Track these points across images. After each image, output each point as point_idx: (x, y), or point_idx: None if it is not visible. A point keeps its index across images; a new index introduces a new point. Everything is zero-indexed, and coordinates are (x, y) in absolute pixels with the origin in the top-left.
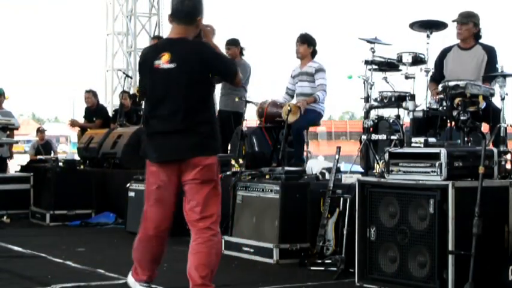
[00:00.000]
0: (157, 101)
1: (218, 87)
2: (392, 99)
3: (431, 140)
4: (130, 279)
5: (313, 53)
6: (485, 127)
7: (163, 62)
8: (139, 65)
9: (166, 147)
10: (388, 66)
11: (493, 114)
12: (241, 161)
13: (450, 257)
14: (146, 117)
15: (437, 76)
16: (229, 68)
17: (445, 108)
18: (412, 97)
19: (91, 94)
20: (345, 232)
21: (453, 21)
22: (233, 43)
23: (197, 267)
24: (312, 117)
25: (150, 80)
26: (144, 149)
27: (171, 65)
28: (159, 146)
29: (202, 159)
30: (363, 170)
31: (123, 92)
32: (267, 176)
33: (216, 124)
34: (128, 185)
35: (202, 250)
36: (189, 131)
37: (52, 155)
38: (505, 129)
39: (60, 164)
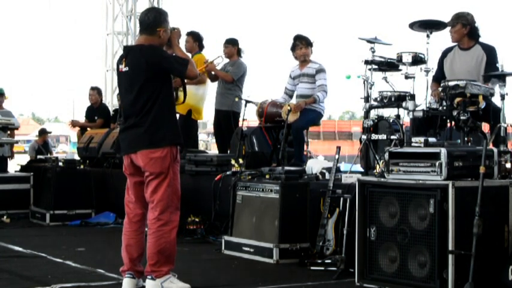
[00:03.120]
0: (121, 100)
1: (214, 87)
2: (392, 99)
3: (432, 139)
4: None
5: (311, 54)
6: (485, 127)
7: (123, 66)
8: None
9: (123, 142)
10: (388, 66)
11: (493, 114)
12: (241, 161)
13: (450, 256)
14: None
15: (439, 76)
16: (175, 66)
17: (445, 108)
18: (412, 97)
19: (96, 92)
20: (345, 232)
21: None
22: (230, 42)
23: (148, 257)
24: (312, 117)
25: (118, 83)
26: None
27: (126, 68)
28: (120, 140)
29: (148, 152)
30: (363, 170)
31: None
32: (267, 176)
33: (169, 119)
34: None
35: (151, 240)
36: (137, 126)
37: (48, 155)
38: (505, 128)
39: (60, 164)
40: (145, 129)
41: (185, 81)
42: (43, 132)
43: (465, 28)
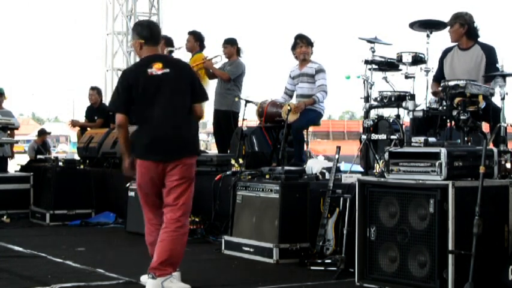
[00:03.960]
0: (149, 104)
1: (213, 86)
2: (392, 98)
3: (432, 139)
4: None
5: (311, 54)
6: (485, 127)
7: (156, 69)
8: (123, 82)
9: (158, 147)
10: (388, 66)
11: (493, 114)
12: (241, 161)
13: (450, 256)
14: (139, 119)
15: (440, 76)
16: (203, 91)
17: (445, 107)
18: (412, 97)
19: (95, 91)
20: (345, 232)
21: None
22: (230, 42)
23: (158, 253)
24: (312, 116)
25: (142, 86)
26: (133, 148)
27: (166, 70)
28: (151, 144)
29: (187, 158)
30: (363, 170)
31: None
32: (267, 176)
33: (197, 128)
34: (128, 184)
35: (166, 239)
36: (181, 133)
37: (47, 154)
38: (505, 128)
39: (60, 163)
40: (190, 136)
41: None
42: (42, 133)
43: (463, 28)
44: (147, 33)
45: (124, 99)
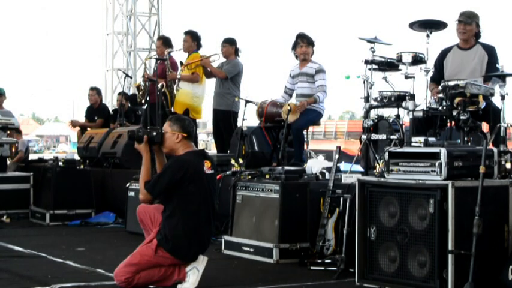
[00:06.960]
0: (200, 201)
1: (212, 86)
2: (392, 98)
3: (431, 139)
4: None
5: (312, 54)
6: (485, 127)
7: (207, 167)
8: (186, 173)
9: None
10: (388, 66)
11: (493, 114)
12: (241, 160)
13: (450, 256)
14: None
15: (437, 77)
16: None
17: (445, 108)
18: (412, 97)
19: (95, 92)
20: (344, 232)
21: (457, 20)
22: (229, 42)
23: None
24: (311, 116)
25: (200, 180)
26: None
27: (212, 171)
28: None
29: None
30: (362, 170)
31: (121, 93)
32: (267, 176)
33: None
34: (128, 184)
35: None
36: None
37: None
38: (505, 128)
39: (60, 163)
40: None
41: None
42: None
43: (477, 28)
44: (192, 130)
45: (165, 188)
